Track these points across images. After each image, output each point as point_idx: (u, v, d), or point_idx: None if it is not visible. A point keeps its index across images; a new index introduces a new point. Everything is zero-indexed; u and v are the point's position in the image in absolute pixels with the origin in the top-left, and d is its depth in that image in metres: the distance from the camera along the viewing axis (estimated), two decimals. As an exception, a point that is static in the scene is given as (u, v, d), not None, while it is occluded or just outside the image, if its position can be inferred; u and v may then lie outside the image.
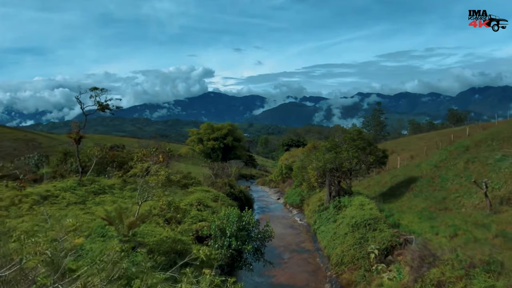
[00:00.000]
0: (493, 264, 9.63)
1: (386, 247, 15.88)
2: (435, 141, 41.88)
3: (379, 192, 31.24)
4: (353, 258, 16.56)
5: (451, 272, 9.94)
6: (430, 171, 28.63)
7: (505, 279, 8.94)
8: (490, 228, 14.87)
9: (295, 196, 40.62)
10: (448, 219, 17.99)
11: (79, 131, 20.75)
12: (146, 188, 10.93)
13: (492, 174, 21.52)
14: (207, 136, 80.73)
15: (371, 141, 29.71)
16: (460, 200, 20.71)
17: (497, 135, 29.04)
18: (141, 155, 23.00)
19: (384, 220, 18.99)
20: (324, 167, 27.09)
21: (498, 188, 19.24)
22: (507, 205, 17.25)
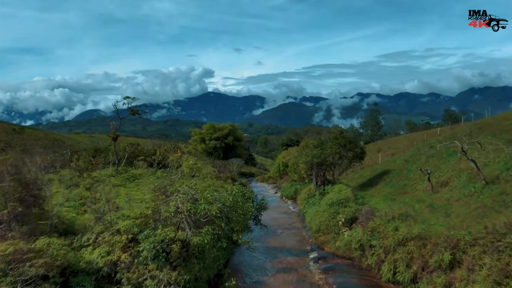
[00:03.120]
0: (406, 216, 15.25)
1: (351, 217, 21.45)
2: (413, 140, 47.45)
3: (360, 183, 36.84)
4: (327, 226, 22.22)
5: (379, 222, 15.57)
6: (401, 165, 34.25)
7: (409, 222, 14.58)
8: (425, 202, 20.44)
9: (290, 189, 46.23)
10: (402, 199, 23.57)
11: (116, 131, 26.32)
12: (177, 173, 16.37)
13: (442, 165, 27.16)
14: (209, 136, 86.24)
15: (352, 139, 35.30)
16: (415, 186, 26.32)
17: (465, 132, 34.60)
18: (162, 150, 28.60)
19: (354, 200, 24.60)
20: (311, 161, 32.66)
21: (442, 175, 24.85)
22: (444, 187, 22.84)
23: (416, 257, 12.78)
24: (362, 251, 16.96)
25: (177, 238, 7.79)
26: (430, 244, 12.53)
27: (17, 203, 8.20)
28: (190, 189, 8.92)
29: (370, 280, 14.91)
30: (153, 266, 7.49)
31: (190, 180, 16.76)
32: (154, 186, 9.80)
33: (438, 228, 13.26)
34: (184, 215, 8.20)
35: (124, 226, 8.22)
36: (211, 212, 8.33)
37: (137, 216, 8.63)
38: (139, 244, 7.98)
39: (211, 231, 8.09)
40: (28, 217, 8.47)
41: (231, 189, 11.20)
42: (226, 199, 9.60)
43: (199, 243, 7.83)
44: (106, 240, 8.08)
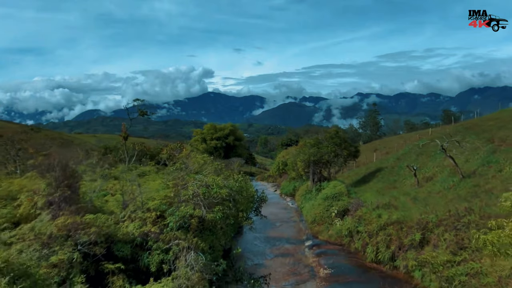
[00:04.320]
0: (388, 206, 17.36)
1: (343, 209, 23.55)
2: (407, 140, 49.57)
3: (355, 180, 38.93)
4: (322, 217, 24.36)
5: (365, 211, 17.69)
6: (393, 163, 36.36)
7: (390, 210, 16.69)
8: (410, 195, 22.55)
9: (289, 187, 48.36)
10: (391, 193, 25.67)
11: (126, 131, 28.44)
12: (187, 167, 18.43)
13: (429, 162, 29.29)
14: (210, 136, 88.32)
15: (346, 139, 37.38)
16: (404, 181, 28.42)
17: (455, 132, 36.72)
18: (169, 149, 30.70)
19: (347, 194, 26.71)
20: (309, 159, 34.77)
21: (428, 171, 26.97)
22: (429, 182, 24.95)
23: (394, 238, 14.90)
24: (350, 237, 19.11)
25: (195, 215, 9.87)
26: (406, 227, 14.66)
27: (66, 188, 10.27)
28: (204, 177, 11.06)
29: (356, 261, 17.03)
30: (178, 234, 9.55)
31: (203, 171, 18.68)
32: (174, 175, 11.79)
33: (413, 214, 15.39)
34: (199, 197, 10.29)
35: (154, 205, 10.30)
36: (221, 194, 10.43)
37: (162, 198, 10.74)
38: (165, 220, 10.07)
39: (221, 210, 10.16)
40: (73, 200, 10.53)
41: (237, 177, 13.22)
42: (233, 185, 11.73)
43: (212, 219, 9.91)
44: (139, 216, 10.16)
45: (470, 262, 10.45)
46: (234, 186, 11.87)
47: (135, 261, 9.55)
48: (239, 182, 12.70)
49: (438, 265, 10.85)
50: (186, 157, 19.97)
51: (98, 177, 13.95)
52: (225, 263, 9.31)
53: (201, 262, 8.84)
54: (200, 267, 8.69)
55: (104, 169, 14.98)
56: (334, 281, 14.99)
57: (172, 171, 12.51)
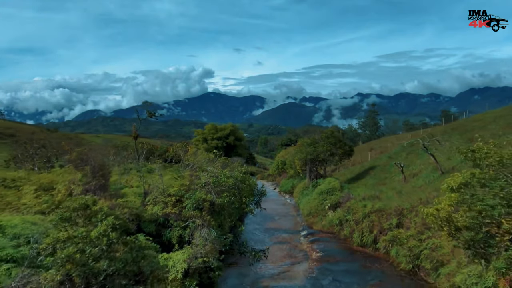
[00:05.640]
0: (374, 197, 19.64)
1: (336, 203, 25.85)
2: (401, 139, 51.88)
3: (349, 177, 41.24)
4: (316, 210, 26.68)
5: (354, 202, 20.00)
6: (385, 161, 38.67)
7: (375, 201, 19.00)
8: (397, 189, 24.85)
9: (288, 184, 50.72)
10: (380, 188, 27.97)
11: (136, 131, 30.77)
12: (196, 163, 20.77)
13: (417, 160, 31.58)
14: (211, 136, 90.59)
15: (341, 139, 39.72)
16: (393, 178, 30.70)
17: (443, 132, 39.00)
18: (175, 148, 33.02)
19: (340, 189, 29.00)
20: (305, 157, 37.08)
21: (415, 168, 29.28)
22: (414, 178, 27.26)
23: (376, 224, 17.22)
24: (340, 225, 21.43)
25: (207, 199, 12.12)
26: (386, 214, 16.97)
27: (101, 178, 12.51)
28: (214, 169, 13.32)
29: (345, 246, 19.35)
30: (194, 213, 11.80)
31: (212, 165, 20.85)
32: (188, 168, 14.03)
33: (393, 203, 17.70)
34: (210, 185, 12.54)
35: (174, 191, 12.56)
36: (228, 183, 12.67)
37: (180, 186, 13.00)
38: (182, 203, 12.32)
39: (228, 196, 12.41)
40: (106, 188, 12.79)
41: (240, 169, 15.50)
42: (238, 175, 13.99)
43: (220, 203, 12.16)
44: (162, 200, 12.43)
45: (432, 239, 12.71)
46: (239, 177, 14.18)
47: (159, 237, 11.85)
48: (243, 174, 15.04)
49: (403, 239, 13.11)
50: (193, 154, 22.28)
51: (123, 170, 16.23)
52: (231, 237, 11.58)
53: (213, 235, 11.09)
54: (212, 240, 10.94)
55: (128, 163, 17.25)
56: (325, 261, 17.29)
57: (186, 165, 14.79)
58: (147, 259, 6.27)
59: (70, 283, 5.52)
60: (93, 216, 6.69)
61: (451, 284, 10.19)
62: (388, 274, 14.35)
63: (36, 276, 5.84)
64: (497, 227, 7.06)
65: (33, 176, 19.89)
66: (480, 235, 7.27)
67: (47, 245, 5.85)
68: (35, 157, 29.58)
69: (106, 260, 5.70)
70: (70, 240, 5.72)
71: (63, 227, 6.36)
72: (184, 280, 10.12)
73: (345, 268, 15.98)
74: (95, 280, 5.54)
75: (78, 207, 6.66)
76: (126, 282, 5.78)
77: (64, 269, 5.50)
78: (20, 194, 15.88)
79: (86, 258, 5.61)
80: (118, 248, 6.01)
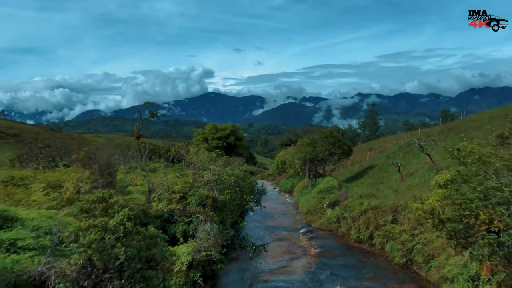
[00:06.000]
0: (370, 195, 20.26)
1: (334, 201, 26.48)
2: (400, 139, 52.52)
3: (348, 176, 41.90)
4: (315, 208, 27.31)
5: (351, 199, 20.62)
6: (383, 161, 39.30)
7: (371, 198, 19.62)
8: (393, 187, 25.48)
9: (287, 184, 51.36)
10: (377, 186, 28.59)
11: (139, 131, 31.44)
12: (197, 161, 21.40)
13: (414, 160, 32.23)
14: (212, 135, 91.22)
15: (340, 138, 40.35)
16: (391, 177, 31.35)
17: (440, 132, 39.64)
18: (177, 148, 33.66)
19: (338, 188, 29.64)
20: (305, 157, 37.72)
21: (412, 167, 29.92)
22: (411, 177, 27.89)
23: (372, 221, 17.85)
24: (338, 223, 22.06)
25: (209, 196, 12.74)
26: (381, 211, 17.59)
27: (108, 176, 13.12)
28: (216, 167, 13.94)
29: (342, 242, 19.97)
30: (197, 209, 12.42)
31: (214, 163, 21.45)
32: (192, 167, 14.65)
33: (388, 201, 18.33)
34: (213, 183, 13.16)
35: (178, 188, 13.18)
36: (230, 181, 13.29)
37: (184, 183, 13.62)
38: (186, 200, 12.93)
39: (229, 193, 13.02)
40: (113, 185, 13.40)
41: (241, 168, 16.14)
42: (239, 173, 14.61)
43: (222, 199, 12.77)
44: (166, 197, 13.03)
45: (424, 234, 13.33)
46: (240, 175, 14.82)
47: (165, 231, 12.44)
48: (243, 172, 15.68)
49: (396, 233, 13.73)
50: (195, 153, 22.91)
51: (128, 169, 16.88)
52: (233, 231, 12.20)
53: (215, 230, 11.70)
54: (215, 234, 11.55)
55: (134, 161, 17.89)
56: (322, 256, 17.92)
57: (189, 164, 15.43)
58: (158, 247, 6.89)
59: (91, 266, 6.15)
60: (110, 208, 7.32)
61: (441, 275, 10.82)
62: (383, 268, 14.98)
63: (59, 262, 6.47)
64: (475, 218, 7.67)
65: (40, 175, 20.53)
66: (461, 226, 7.88)
67: (70, 233, 6.47)
68: (40, 156, 30.22)
69: (123, 247, 6.32)
70: (91, 228, 6.35)
71: (83, 217, 7.00)
72: (189, 272, 10.74)
73: (342, 263, 16.60)
74: (113, 264, 6.16)
75: (96, 199, 7.28)
76: (141, 266, 6.38)
77: (86, 254, 6.13)
78: (30, 191, 16.51)
79: (105, 245, 6.24)
80: (133, 236, 6.64)
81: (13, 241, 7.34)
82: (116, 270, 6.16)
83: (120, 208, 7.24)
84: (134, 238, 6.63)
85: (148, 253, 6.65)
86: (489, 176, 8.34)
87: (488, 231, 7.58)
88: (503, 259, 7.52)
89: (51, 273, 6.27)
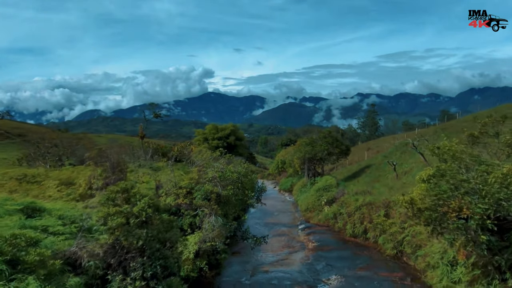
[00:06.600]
0: (365, 192, 21.30)
1: (332, 198, 27.52)
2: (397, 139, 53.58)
3: (346, 175, 42.97)
4: (313, 206, 28.37)
5: (347, 196, 21.66)
6: (380, 160, 40.37)
7: (366, 195, 20.67)
8: (389, 185, 26.53)
9: (287, 183, 52.41)
10: (373, 184, 29.64)
11: (143, 131, 32.47)
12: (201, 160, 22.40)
13: (410, 159, 33.27)
14: (212, 135, 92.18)
15: (338, 138, 41.44)
16: (387, 175, 32.40)
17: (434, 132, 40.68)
18: (180, 147, 34.70)
19: (336, 186, 30.70)
20: (304, 156, 38.77)
21: (407, 166, 30.98)
22: (406, 175, 28.95)
23: (366, 216, 18.89)
24: (335, 219, 23.11)
25: (214, 191, 13.75)
26: (375, 207, 18.64)
27: (119, 172, 14.12)
28: (219, 165, 14.98)
29: (338, 236, 21.03)
30: (203, 203, 13.44)
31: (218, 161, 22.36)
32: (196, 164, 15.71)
33: (382, 197, 19.37)
34: (217, 179, 14.18)
35: (184, 184, 14.19)
36: (232, 177, 14.31)
37: (190, 179, 14.65)
38: (192, 195, 13.95)
39: (232, 188, 14.04)
40: (123, 181, 14.41)
41: (243, 166, 17.18)
42: (241, 170, 15.65)
43: (225, 194, 13.79)
44: (174, 192, 14.05)
45: (413, 227, 14.36)
46: (242, 171, 15.87)
47: (172, 224, 13.51)
48: (245, 169, 16.74)
49: (386, 225, 14.78)
50: (199, 152, 23.92)
51: (136, 167, 17.92)
52: (236, 223, 13.22)
53: (219, 222, 12.73)
54: (219, 226, 12.57)
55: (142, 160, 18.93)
56: (319, 250, 18.97)
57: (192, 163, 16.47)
58: (174, 230, 7.90)
59: (118, 246, 7.15)
60: (132, 197, 8.33)
61: (426, 263, 11.83)
62: (375, 259, 16.02)
63: (89, 243, 7.49)
64: (447, 207, 8.68)
65: (51, 173, 21.59)
66: (436, 214, 8.89)
67: (99, 218, 7.50)
68: (47, 155, 31.26)
69: (145, 229, 7.33)
70: (118, 213, 7.36)
71: (109, 204, 8.01)
72: (195, 260, 11.77)
73: (338, 255, 17.66)
74: (136, 244, 7.16)
75: (120, 190, 8.30)
76: (159, 246, 7.39)
77: (114, 235, 7.14)
78: (44, 188, 17.56)
79: (130, 227, 7.24)
80: (153, 220, 7.64)
81: (44, 227, 8.38)
82: (138, 250, 7.17)
83: (141, 198, 8.26)
84: (153, 222, 7.65)
85: (165, 235, 7.65)
86: (461, 171, 9.36)
87: (458, 218, 8.60)
88: (471, 241, 8.52)
89: (83, 253, 7.31)
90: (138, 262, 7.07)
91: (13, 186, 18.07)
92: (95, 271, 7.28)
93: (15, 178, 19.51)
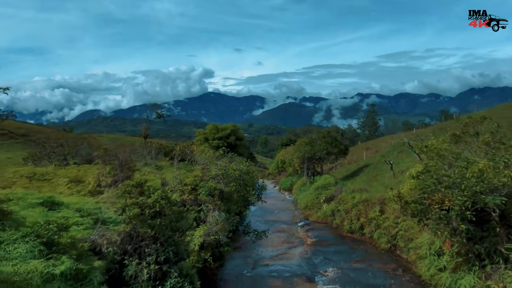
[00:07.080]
0: (362, 190, 22.10)
1: (330, 196, 28.34)
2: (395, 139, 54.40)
3: (345, 175, 43.74)
4: (312, 203, 29.20)
5: (345, 194, 22.47)
6: (378, 159, 41.16)
7: (362, 192, 21.49)
8: (385, 184, 27.32)
9: (287, 182, 53.26)
10: (371, 184, 30.44)
11: (146, 131, 33.29)
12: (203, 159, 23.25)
13: (407, 158, 34.08)
14: (212, 135, 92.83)
15: (337, 138, 42.27)
16: (384, 174, 33.19)
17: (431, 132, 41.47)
18: (182, 146, 35.51)
19: (334, 184, 31.52)
20: (303, 156, 39.60)
21: (404, 165, 31.77)
22: (402, 174, 29.73)
23: (362, 213, 19.71)
24: (333, 216, 23.94)
25: (217, 188, 14.55)
26: (371, 204, 19.45)
27: (127, 170, 14.91)
28: (222, 163, 15.80)
29: (336, 233, 21.86)
30: (207, 199, 14.25)
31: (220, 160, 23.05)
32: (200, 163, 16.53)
33: (377, 194, 20.19)
34: (220, 176, 14.99)
35: (190, 181, 15.00)
36: (234, 174, 15.11)
37: (194, 176, 15.47)
38: (197, 191, 14.75)
39: (234, 185, 14.85)
40: (131, 178, 15.21)
41: (245, 164, 18.04)
42: (242, 168, 16.47)
43: (228, 191, 14.60)
44: (179, 189, 14.86)
45: (406, 221, 15.17)
46: (243, 169, 16.69)
47: (178, 218, 14.31)
48: (247, 167, 17.56)
49: (380, 220, 15.57)
50: (201, 152, 24.73)
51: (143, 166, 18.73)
52: (238, 218, 14.00)
53: (223, 217, 13.54)
54: (222, 220, 13.38)
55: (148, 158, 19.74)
56: (317, 245, 19.79)
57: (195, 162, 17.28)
58: (184, 220, 8.69)
59: (135, 233, 7.96)
60: (146, 191, 9.14)
61: (417, 255, 12.63)
62: (370, 252, 16.85)
63: (108, 231, 8.30)
64: (431, 200, 9.49)
65: (60, 171, 22.40)
66: (421, 207, 9.71)
67: (117, 208, 8.31)
68: (53, 155, 32.05)
69: (159, 219, 8.14)
70: (134, 204, 8.17)
71: (126, 196, 8.82)
72: (200, 252, 12.57)
73: (335, 250, 18.48)
74: (150, 232, 7.96)
75: (135, 184, 9.12)
76: (172, 233, 8.19)
77: (131, 224, 7.94)
78: (54, 185, 18.37)
79: (145, 217, 8.05)
80: (166, 211, 8.45)
81: (65, 218, 9.17)
82: (152, 237, 7.96)
83: (154, 191, 9.08)
84: (166, 212, 8.45)
85: (177, 224, 8.45)
86: (444, 167, 10.17)
87: (441, 209, 9.41)
88: (452, 230, 9.35)
89: (102, 240, 8.12)
90: (152, 248, 7.88)
91: (24, 183, 18.91)
92: (113, 256, 8.12)
93: (25, 176, 20.34)
